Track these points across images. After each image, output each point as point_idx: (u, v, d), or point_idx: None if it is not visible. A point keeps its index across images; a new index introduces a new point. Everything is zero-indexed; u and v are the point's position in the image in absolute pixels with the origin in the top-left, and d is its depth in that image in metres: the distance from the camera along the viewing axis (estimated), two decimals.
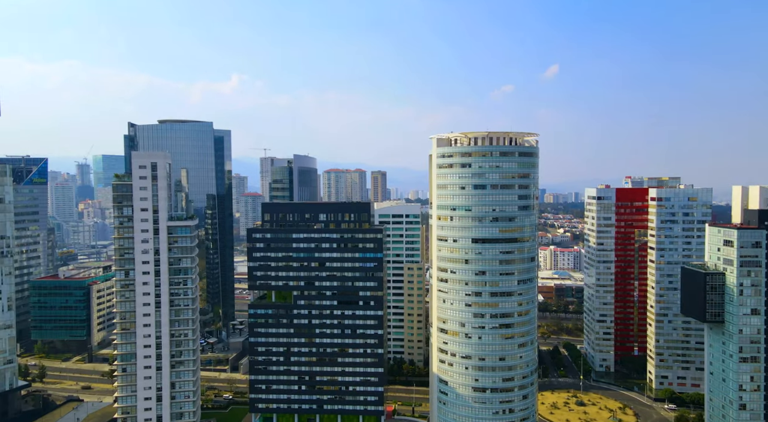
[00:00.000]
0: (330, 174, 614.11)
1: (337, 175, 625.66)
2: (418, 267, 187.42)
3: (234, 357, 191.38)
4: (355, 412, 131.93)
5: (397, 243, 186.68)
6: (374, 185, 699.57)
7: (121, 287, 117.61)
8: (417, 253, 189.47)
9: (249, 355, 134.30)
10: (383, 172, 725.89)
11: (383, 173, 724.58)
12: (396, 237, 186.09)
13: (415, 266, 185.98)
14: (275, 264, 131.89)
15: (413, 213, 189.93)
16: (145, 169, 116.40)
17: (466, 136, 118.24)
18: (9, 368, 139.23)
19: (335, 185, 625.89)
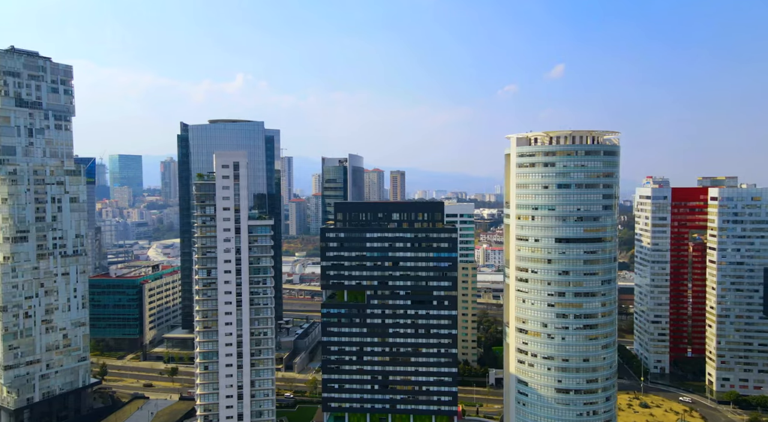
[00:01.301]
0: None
1: None
2: (473, 267, 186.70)
3: (287, 357, 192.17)
4: (428, 412, 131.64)
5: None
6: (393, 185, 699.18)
7: (203, 286, 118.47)
8: (471, 253, 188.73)
9: (322, 354, 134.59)
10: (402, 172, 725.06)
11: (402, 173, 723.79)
12: None
13: (469, 266, 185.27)
14: (348, 263, 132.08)
15: (467, 212, 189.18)
16: (227, 168, 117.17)
17: (547, 135, 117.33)
18: (83, 365, 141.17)
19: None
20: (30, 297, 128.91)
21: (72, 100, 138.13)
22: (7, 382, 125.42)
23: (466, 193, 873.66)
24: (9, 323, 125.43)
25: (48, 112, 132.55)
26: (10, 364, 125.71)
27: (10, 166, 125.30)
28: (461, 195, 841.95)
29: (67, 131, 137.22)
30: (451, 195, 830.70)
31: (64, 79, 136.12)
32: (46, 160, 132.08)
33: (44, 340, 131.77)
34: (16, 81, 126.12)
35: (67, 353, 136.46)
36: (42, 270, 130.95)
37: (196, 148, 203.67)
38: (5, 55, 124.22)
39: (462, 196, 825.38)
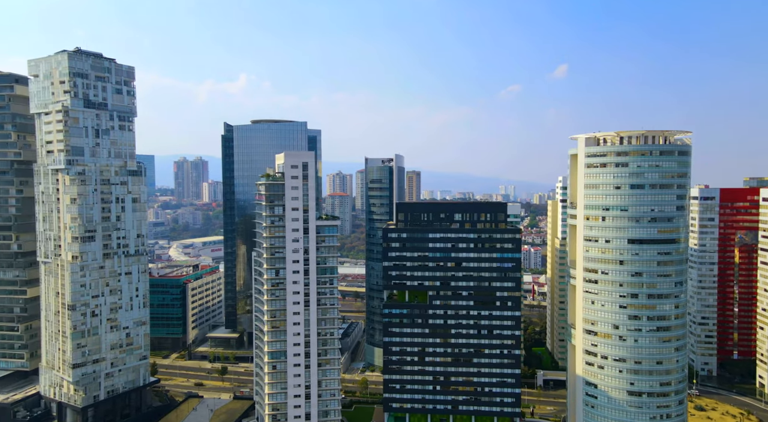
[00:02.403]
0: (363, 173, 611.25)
1: None
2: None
3: None
4: (490, 413, 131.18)
5: None
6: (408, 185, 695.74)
7: (272, 286, 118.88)
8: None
9: (384, 355, 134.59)
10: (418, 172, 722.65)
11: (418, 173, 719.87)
12: None
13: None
14: (410, 264, 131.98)
15: (514, 212, 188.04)
16: (296, 168, 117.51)
17: (617, 135, 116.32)
18: (143, 364, 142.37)
19: None
20: (96, 296, 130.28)
21: (134, 100, 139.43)
22: (75, 380, 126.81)
23: (473, 193, 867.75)
24: (77, 322, 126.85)
25: (113, 112, 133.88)
26: (78, 362, 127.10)
27: (79, 167, 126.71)
28: (468, 195, 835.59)
29: (130, 132, 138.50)
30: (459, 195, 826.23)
31: (127, 80, 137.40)
32: (111, 161, 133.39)
33: (109, 339, 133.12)
34: (84, 82, 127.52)
35: (130, 351, 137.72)
36: (107, 269, 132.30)
37: (240, 149, 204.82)
38: (74, 56, 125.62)
39: (469, 196, 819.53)
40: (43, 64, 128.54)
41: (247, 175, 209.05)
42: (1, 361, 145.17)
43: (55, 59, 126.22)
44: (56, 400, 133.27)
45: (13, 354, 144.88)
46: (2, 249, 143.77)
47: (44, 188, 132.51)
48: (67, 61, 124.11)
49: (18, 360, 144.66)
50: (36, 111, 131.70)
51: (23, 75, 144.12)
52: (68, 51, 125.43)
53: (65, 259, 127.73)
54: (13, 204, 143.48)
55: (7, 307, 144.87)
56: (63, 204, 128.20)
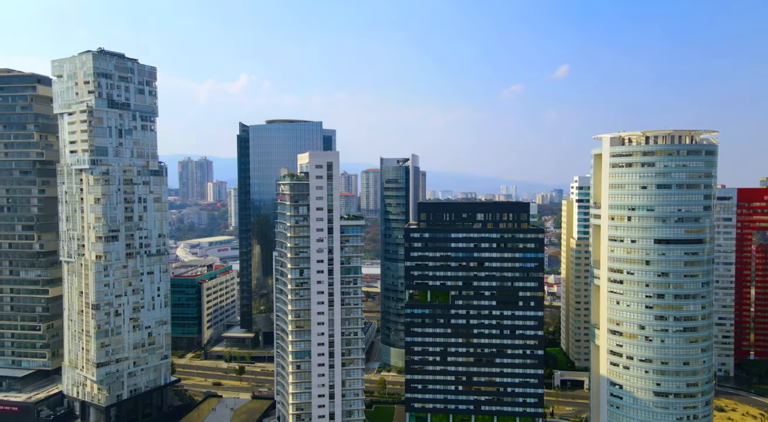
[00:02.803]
0: (369, 174, 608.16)
1: (376, 175, 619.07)
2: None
3: None
4: (512, 414, 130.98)
5: None
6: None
7: (296, 285, 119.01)
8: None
9: (406, 355, 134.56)
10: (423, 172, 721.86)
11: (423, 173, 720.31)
12: None
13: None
14: (433, 263, 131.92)
15: (532, 212, 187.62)
16: (321, 168, 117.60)
17: (643, 135, 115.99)
18: (164, 363, 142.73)
19: (374, 185, 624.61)
20: (119, 295, 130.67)
21: (156, 100, 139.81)
22: (99, 379, 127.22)
23: (475, 193, 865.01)
24: (101, 321, 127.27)
25: (135, 112, 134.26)
26: (102, 362, 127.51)
27: (103, 167, 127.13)
28: (470, 195, 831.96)
29: (152, 132, 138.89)
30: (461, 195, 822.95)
31: (149, 80, 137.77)
32: (134, 160, 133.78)
33: (132, 338, 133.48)
34: (108, 82, 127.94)
35: (152, 351, 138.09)
36: (130, 269, 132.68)
37: (255, 149, 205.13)
38: (99, 56, 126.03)
39: (471, 195, 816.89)
40: (67, 65, 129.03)
41: (261, 175, 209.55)
42: (23, 360, 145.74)
43: (80, 59, 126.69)
44: (79, 399, 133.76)
45: (35, 354, 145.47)
46: (24, 249, 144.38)
47: (68, 188, 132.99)
48: (92, 62, 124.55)
49: (40, 359, 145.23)
50: (59, 111, 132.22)
51: (45, 75, 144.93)
52: (92, 51, 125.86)
53: (89, 259, 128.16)
54: (36, 204, 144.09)
55: (29, 307, 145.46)
56: (87, 204, 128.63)
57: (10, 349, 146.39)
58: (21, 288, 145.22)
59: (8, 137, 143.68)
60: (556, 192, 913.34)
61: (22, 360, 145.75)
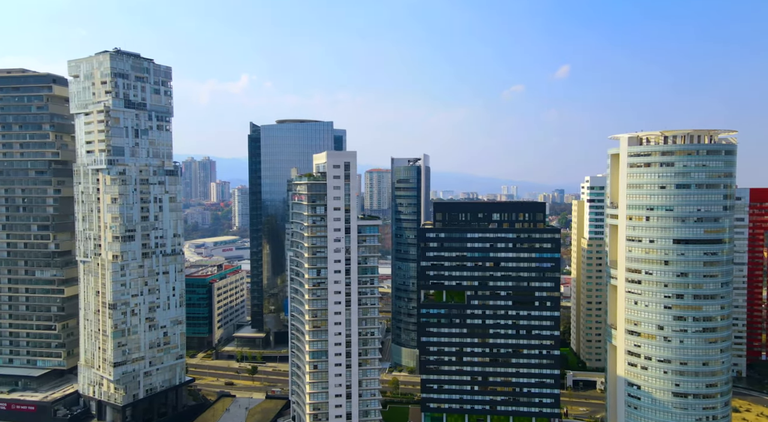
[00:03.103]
0: (372, 174, 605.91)
1: (380, 174, 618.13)
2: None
3: None
4: (528, 414, 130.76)
5: None
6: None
7: (313, 285, 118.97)
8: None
9: (420, 355, 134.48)
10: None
11: None
12: None
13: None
14: (448, 263, 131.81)
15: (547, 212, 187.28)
16: (338, 168, 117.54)
17: (662, 135, 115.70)
18: (179, 363, 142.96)
19: (377, 185, 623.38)
20: (136, 295, 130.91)
21: (171, 100, 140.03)
22: (116, 379, 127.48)
23: (477, 193, 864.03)
24: (118, 320, 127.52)
25: (151, 112, 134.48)
26: (119, 361, 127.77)
27: (119, 167, 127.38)
28: (472, 195, 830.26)
29: (167, 132, 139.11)
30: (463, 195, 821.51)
31: (164, 80, 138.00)
32: (150, 160, 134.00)
33: (147, 338, 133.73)
34: (124, 82, 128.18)
35: (167, 351, 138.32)
36: (146, 268, 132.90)
37: (266, 149, 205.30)
38: (116, 56, 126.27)
39: (473, 196, 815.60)
40: (84, 65, 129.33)
41: (271, 175, 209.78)
42: (38, 360, 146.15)
43: (97, 60, 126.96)
44: (96, 398, 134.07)
45: (50, 353, 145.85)
46: (40, 249, 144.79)
47: (84, 188, 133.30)
48: (109, 62, 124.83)
49: (55, 358, 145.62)
50: (76, 111, 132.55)
51: (60, 75, 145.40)
52: (110, 51, 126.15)
53: (105, 258, 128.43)
54: (51, 203, 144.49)
55: (44, 306, 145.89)
56: (103, 203, 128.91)
57: (25, 349, 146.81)
58: (36, 287, 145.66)
59: (24, 137, 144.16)
60: (558, 192, 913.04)
61: (38, 359, 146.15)
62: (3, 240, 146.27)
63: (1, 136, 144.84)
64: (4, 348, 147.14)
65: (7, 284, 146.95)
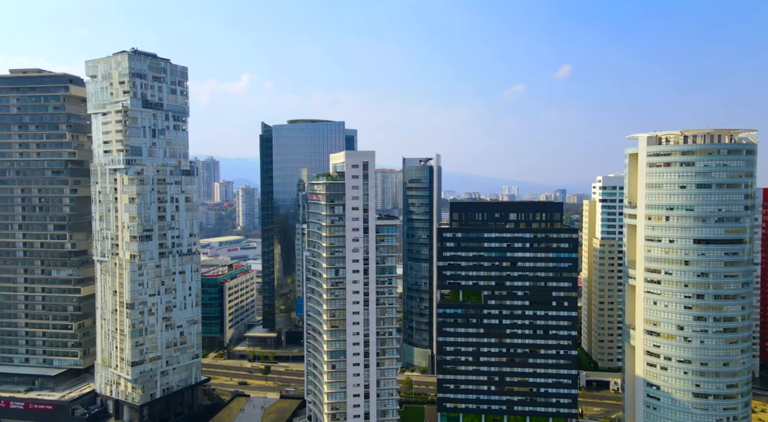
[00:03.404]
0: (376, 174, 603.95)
1: (384, 174, 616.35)
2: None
3: None
4: (546, 414, 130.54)
5: None
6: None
7: (331, 285, 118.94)
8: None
9: (437, 355, 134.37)
10: None
11: None
12: None
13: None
14: (465, 263, 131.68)
15: None
16: (357, 167, 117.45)
17: (681, 134, 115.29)
18: (195, 363, 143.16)
19: (381, 185, 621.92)
20: (153, 294, 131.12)
21: (187, 100, 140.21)
22: (134, 378, 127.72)
23: (479, 194, 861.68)
24: (136, 320, 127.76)
25: (168, 112, 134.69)
26: (137, 360, 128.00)
27: (137, 166, 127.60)
28: (474, 195, 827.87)
29: (184, 131, 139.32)
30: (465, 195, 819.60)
31: (181, 80, 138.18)
32: (167, 160, 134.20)
33: (164, 337, 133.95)
34: (142, 82, 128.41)
35: (183, 350, 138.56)
36: (163, 268, 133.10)
37: (278, 148, 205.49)
38: (134, 57, 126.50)
39: (475, 195, 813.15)
40: (102, 65, 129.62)
41: (282, 175, 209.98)
42: (55, 359, 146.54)
43: (115, 60, 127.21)
44: (113, 398, 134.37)
45: (66, 353, 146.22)
46: (56, 249, 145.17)
47: (101, 188, 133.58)
48: (127, 62, 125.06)
49: (71, 358, 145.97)
50: (93, 111, 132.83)
51: (77, 75, 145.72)
52: (127, 52, 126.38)
53: (123, 258, 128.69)
54: (67, 203, 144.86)
55: (60, 306, 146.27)
56: (121, 203, 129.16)
57: (41, 348, 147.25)
58: (53, 287, 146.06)
59: (40, 137, 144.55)
60: (559, 192, 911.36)
61: (54, 358, 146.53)
62: (19, 239, 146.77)
63: (18, 136, 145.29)
64: (21, 348, 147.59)
65: (24, 284, 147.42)
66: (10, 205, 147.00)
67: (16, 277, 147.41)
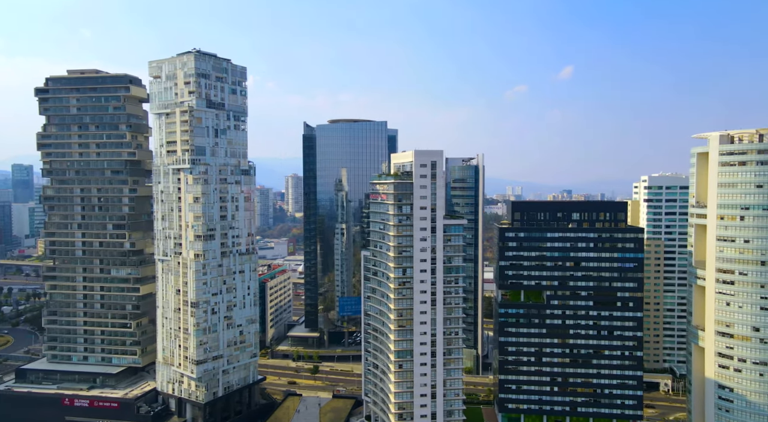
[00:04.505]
0: None
1: None
2: None
3: None
4: (610, 416, 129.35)
5: None
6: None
7: (399, 285, 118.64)
8: None
9: (498, 355, 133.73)
10: None
11: None
12: None
13: None
14: (528, 263, 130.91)
15: None
16: (425, 167, 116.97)
17: (756, 133, 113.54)
18: (253, 362, 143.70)
19: None
20: (216, 293, 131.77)
21: (246, 100, 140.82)
22: (198, 376, 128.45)
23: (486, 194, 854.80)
24: (200, 319, 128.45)
25: (229, 112, 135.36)
26: (201, 359, 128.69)
27: (202, 166, 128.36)
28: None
29: (243, 131, 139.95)
30: None
31: (240, 80, 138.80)
32: (228, 160, 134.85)
33: (225, 336, 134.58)
34: (206, 82, 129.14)
35: (242, 349, 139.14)
36: (224, 267, 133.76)
37: (321, 149, 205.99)
38: (199, 57, 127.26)
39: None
40: (166, 66, 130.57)
41: (325, 175, 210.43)
42: (113, 357, 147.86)
43: (180, 60, 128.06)
44: (175, 396, 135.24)
45: (125, 351, 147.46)
46: (116, 248, 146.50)
47: (164, 187, 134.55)
48: (194, 62, 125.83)
49: (130, 356, 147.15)
50: (157, 111, 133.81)
51: (136, 76, 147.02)
52: (193, 52, 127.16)
53: (187, 257, 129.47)
54: (126, 202, 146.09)
55: (119, 304, 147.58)
56: (185, 203, 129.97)
57: (100, 346, 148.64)
58: (111, 286, 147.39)
59: (100, 137, 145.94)
60: (566, 192, 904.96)
61: (113, 357, 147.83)
62: (79, 239, 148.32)
63: (78, 136, 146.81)
64: (79, 346, 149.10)
65: (82, 282, 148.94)
66: (70, 204, 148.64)
67: (75, 276, 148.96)
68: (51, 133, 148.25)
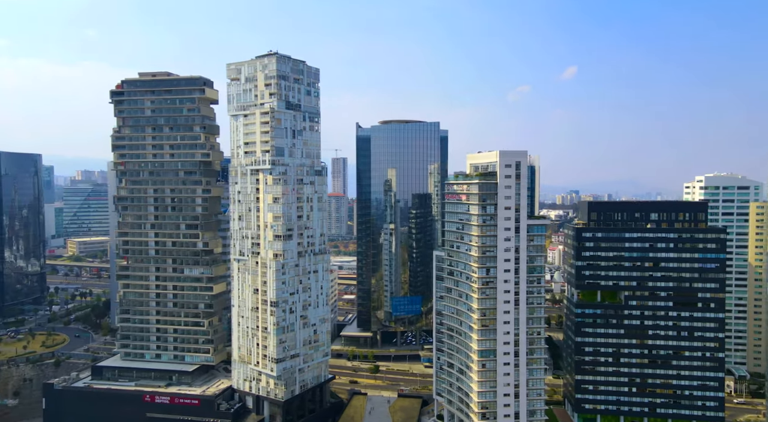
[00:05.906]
0: None
1: None
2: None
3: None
4: (690, 417, 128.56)
5: None
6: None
7: (482, 284, 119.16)
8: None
9: (575, 355, 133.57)
10: None
11: None
12: None
13: None
14: (605, 263, 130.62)
15: None
16: (510, 167, 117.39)
17: None
18: (325, 360, 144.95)
19: None
20: (293, 293, 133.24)
21: (319, 101, 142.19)
22: (278, 375, 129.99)
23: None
24: (279, 318, 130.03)
25: (305, 113, 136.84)
26: (280, 357, 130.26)
27: (281, 167, 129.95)
28: None
29: (317, 132, 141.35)
30: None
31: (314, 82, 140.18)
32: (303, 160, 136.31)
33: (302, 335, 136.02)
34: (285, 84, 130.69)
35: (316, 348, 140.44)
36: (301, 267, 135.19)
37: (375, 149, 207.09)
38: (280, 59, 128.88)
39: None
40: (246, 68, 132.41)
41: (377, 175, 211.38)
42: (186, 355, 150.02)
43: (261, 62, 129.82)
44: (253, 394, 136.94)
45: (198, 349, 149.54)
46: (189, 247, 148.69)
47: (241, 188, 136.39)
48: (275, 64, 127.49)
49: (203, 354, 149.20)
50: (234, 113, 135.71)
51: (208, 78, 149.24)
52: (275, 54, 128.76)
53: (266, 257, 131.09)
54: (200, 203, 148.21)
55: (191, 303, 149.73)
56: (263, 203, 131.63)
57: (172, 345, 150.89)
58: (184, 285, 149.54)
59: (174, 138, 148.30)
60: (574, 193, 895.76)
61: (185, 355, 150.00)
62: (152, 238, 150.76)
63: (152, 137, 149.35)
64: (152, 344, 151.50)
65: (155, 281, 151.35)
66: (143, 204, 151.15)
67: (149, 275, 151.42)
68: (125, 135, 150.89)
